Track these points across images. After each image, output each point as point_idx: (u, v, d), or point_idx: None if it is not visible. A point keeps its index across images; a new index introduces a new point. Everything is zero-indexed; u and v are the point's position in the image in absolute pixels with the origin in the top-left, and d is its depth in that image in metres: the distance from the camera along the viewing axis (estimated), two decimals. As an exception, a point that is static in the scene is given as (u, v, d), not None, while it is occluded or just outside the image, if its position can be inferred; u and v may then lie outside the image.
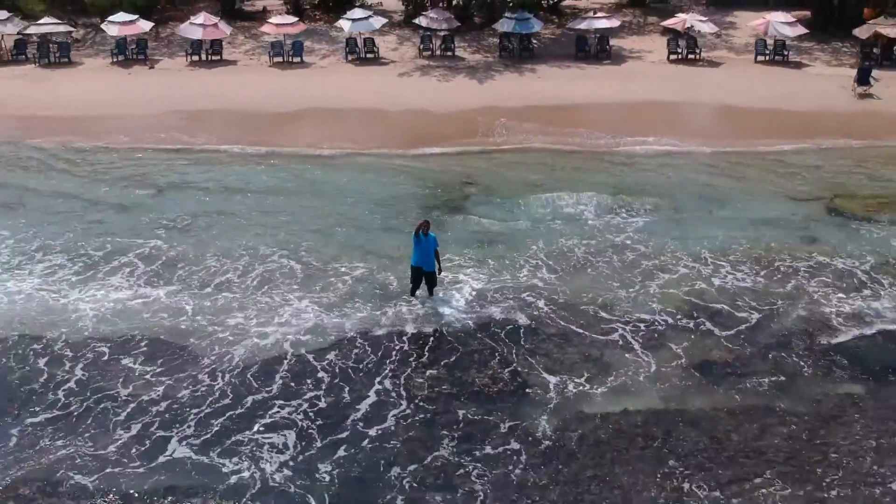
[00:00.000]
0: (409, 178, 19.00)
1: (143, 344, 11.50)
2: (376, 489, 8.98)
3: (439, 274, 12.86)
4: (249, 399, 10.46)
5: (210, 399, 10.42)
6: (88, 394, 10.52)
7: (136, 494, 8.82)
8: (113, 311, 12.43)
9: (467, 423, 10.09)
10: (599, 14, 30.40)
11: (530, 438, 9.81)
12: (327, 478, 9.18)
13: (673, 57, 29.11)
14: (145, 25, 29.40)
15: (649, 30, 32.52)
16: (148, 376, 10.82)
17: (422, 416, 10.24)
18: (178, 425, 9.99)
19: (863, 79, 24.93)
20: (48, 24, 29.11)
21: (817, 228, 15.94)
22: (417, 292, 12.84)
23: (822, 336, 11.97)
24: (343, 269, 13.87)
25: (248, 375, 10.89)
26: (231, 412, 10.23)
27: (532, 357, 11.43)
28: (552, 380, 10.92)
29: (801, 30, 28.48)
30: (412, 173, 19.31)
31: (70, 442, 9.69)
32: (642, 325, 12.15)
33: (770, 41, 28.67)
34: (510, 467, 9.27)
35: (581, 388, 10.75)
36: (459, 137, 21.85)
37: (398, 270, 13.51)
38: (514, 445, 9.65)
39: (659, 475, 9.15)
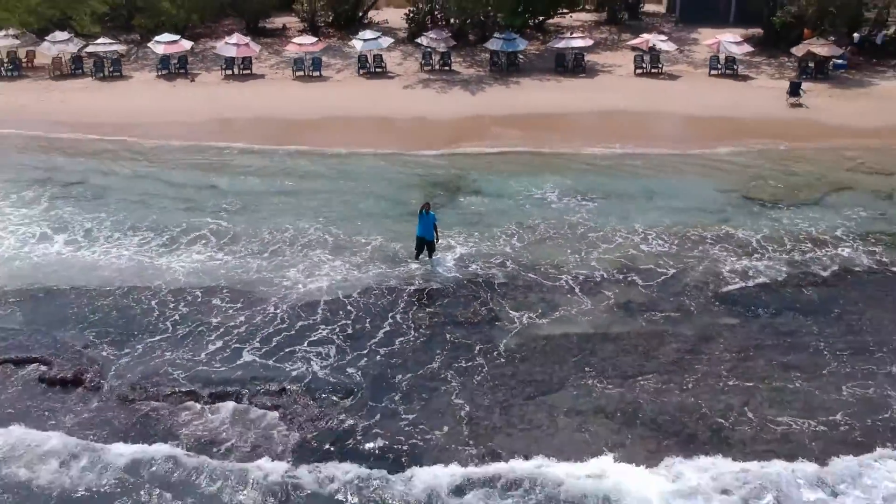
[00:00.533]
0: (414, 172, 23.07)
1: (224, 290, 15.65)
2: (387, 386, 12.93)
3: (437, 242, 17.05)
4: (300, 324, 14.57)
5: (273, 324, 14.54)
6: (188, 322, 14.65)
7: (221, 383, 12.90)
8: (197, 269, 16.59)
9: (453, 344, 14.13)
10: (576, 35, 34.37)
11: (497, 352, 13.91)
12: (355, 376, 13.19)
13: (638, 71, 32.93)
14: (186, 45, 33.45)
15: (621, 46, 36.42)
16: (230, 311, 14.96)
17: (421, 338, 14.29)
18: (250, 341, 14.09)
19: (794, 91, 28.97)
20: (104, 44, 33.29)
21: (731, 211, 20.04)
22: (420, 256, 17.00)
23: (714, 285, 16.07)
24: (364, 240, 17.99)
25: (299, 309, 15.01)
26: (287, 333, 14.33)
27: (502, 299, 15.54)
28: (515, 314, 15.00)
29: (748, 48, 32.54)
30: (416, 169, 23.37)
31: (175, 352, 13.78)
32: (583, 278, 16.26)
33: (722, 57, 32.77)
34: (478, 372, 13.33)
35: (535, 319, 14.84)
36: (455, 141, 25.83)
37: (405, 241, 17.57)
38: (480, 361, 13.61)
39: (582, 373, 13.26)
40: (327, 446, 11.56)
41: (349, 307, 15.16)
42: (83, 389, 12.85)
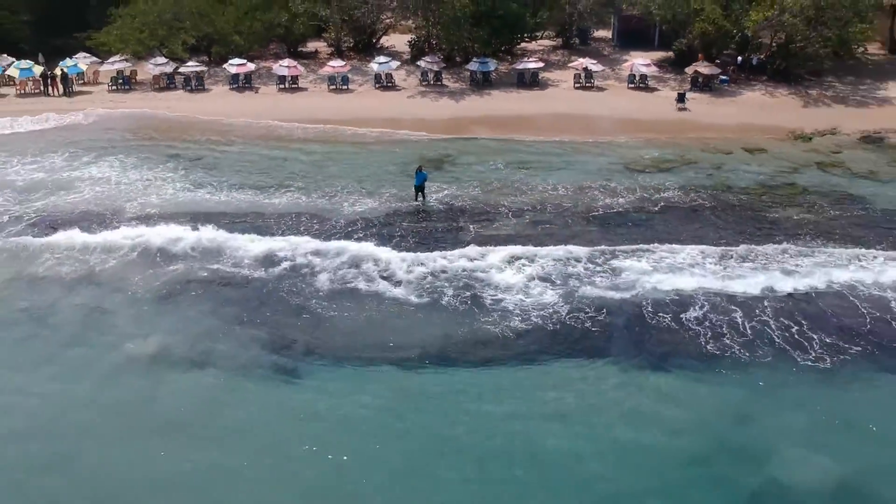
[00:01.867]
0: (414, 149, 33.48)
1: (306, 213, 26.05)
2: (398, 247, 23.55)
3: (425, 191, 27.61)
4: (349, 230, 24.85)
5: (336, 229, 24.94)
6: (290, 228, 25.08)
7: (305, 246, 23.31)
8: (292, 204, 27.02)
9: (434, 241, 24.57)
10: (531, 59, 44.80)
11: (461, 244, 24.36)
12: (388, 247, 23.73)
13: (577, 85, 43.21)
14: (251, 66, 44.01)
15: (567, 66, 46.73)
16: (310, 223, 25.35)
17: (417, 238, 24.67)
18: (324, 235, 24.58)
19: (680, 99, 39.40)
20: (192, 66, 43.90)
21: (614, 174, 30.39)
22: (418, 197, 27.48)
23: (588, 212, 26.50)
24: (383, 190, 28.31)
25: (350, 221, 25.38)
26: (343, 233, 24.67)
27: (466, 220, 25.86)
28: (472, 226, 25.28)
29: (654, 68, 42.98)
30: (416, 147, 33.84)
31: (281, 233, 24.32)
32: (514, 209, 26.59)
33: (637, 75, 43.27)
34: (447, 253, 23.89)
35: (482, 228, 25.20)
36: (442, 132, 36.47)
37: (408, 189, 28.05)
38: (451, 248, 24.23)
39: (495, 243, 23.74)
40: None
41: (376, 221, 25.62)
42: (240, 258, 23.46)
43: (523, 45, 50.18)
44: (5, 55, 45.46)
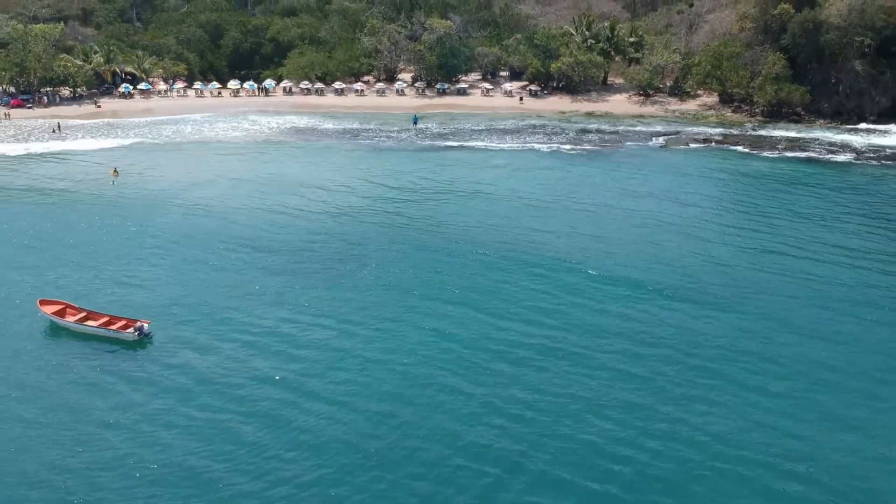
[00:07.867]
0: (411, 114, 74.74)
1: (377, 127, 68.45)
2: (413, 147, 65.51)
3: (418, 123, 69.55)
4: (388, 130, 67.03)
5: (384, 129, 67.06)
6: (370, 129, 67.24)
7: (377, 132, 65.26)
8: (370, 126, 68.40)
9: (420, 146, 66.63)
10: (463, 83, 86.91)
11: (426, 133, 66.46)
12: (394, 144, 65.67)
13: (483, 96, 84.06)
14: (344, 85, 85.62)
15: (478, 86, 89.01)
16: (377, 129, 67.55)
17: (413, 142, 66.59)
18: (382, 130, 66.58)
19: (521, 100, 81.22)
20: (318, 85, 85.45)
21: (486, 121, 71.90)
22: (413, 125, 69.33)
23: (471, 131, 68.78)
24: (394, 129, 67.91)
25: (388, 128, 67.52)
26: (375, 138, 66.65)
27: (438, 137, 68.04)
28: (441, 142, 67.40)
29: (515, 87, 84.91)
30: (412, 113, 75.21)
31: (366, 130, 66.28)
32: (447, 125, 68.82)
33: (509, 90, 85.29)
34: (431, 153, 65.91)
35: (435, 126, 67.36)
36: (423, 108, 78.25)
37: (409, 124, 69.73)
38: (429, 148, 66.17)
39: (439, 130, 65.77)
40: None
41: (394, 134, 67.11)
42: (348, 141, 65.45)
43: (463, 78, 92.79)
44: (237, 80, 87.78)
